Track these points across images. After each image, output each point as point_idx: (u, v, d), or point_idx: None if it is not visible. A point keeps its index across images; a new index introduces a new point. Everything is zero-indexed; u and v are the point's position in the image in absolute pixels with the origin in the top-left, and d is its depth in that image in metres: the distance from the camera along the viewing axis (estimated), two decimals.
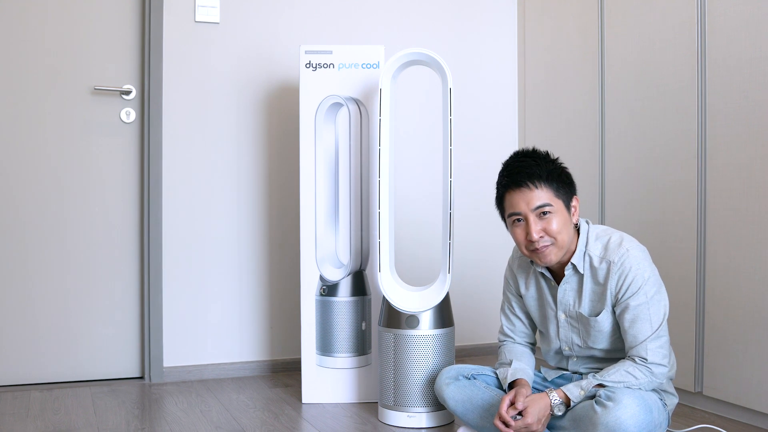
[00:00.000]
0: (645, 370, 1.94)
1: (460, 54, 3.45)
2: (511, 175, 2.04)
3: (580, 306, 2.06)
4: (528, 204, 1.99)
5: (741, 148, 2.40)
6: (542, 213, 1.99)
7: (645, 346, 1.95)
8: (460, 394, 2.15)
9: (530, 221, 1.99)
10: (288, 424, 2.44)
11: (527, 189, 1.99)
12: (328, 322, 2.69)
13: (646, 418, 1.83)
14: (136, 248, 3.04)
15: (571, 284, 2.07)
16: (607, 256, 2.00)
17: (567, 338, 2.12)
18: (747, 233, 2.37)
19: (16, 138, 2.89)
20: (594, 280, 2.03)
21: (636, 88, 2.81)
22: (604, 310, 2.02)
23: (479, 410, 2.12)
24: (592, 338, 2.07)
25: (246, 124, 3.13)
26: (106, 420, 2.47)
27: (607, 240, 2.02)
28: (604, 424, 1.82)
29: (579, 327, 2.08)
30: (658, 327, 1.96)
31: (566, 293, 2.08)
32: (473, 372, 2.20)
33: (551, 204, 1.99)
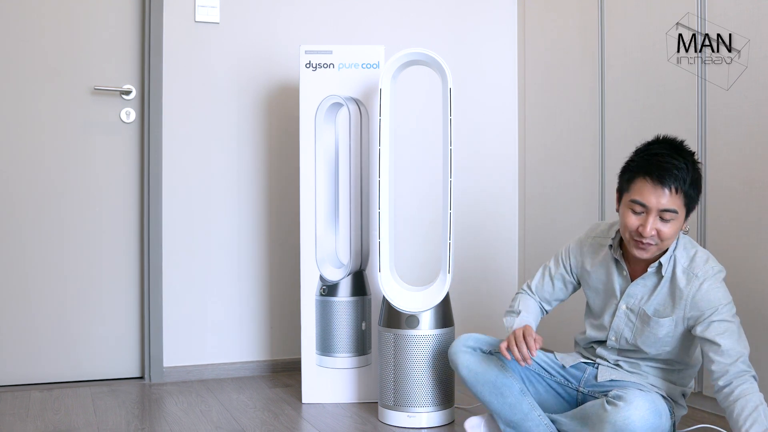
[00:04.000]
0: (755, 385, 1.89)
1: (460, 54, 3.45)
2: (657, 168, 1.92)
3: (647, 303, 2.03)
4: (658, 202, 1.91)
5: (741, 148, 2.40)
6: (662, 216, 1.94)
7: (744, 360, 1.92)
8: (475, 365, 2.16)
9: (650, 217, 1.93)
10: (288, 424, 2.44)
11: (666, 189, 1.91)
12: (328, 322, 2.69)
13: (654, 421, 1.84)
14: (136, 248, 3.04)
15: (647, 281, 2.04)
16: (692, 269, 1.98)
17: (618, 330, 2.09)
18: (747, 233, 2.37)
19: (16, 138, 2.89)
20: (671, 285, 2.00)
21: (636, 88, 2.81)
22: (670, 318, 2.00)
23: (489, 386, 2.12)
24: (644, 338, 2.04)
25: (246, 124, 3.13)
26: (106, 420, 2.47)
27: (694, 253, 2.00)
28: (612, 423, 1.82)
29: (636, 323, 2.05)
30: (746, 347, 1.96)
31: (638, 287, 2.05)
32: (492, 347, 2.19)
33: (677, 211, 1.93)
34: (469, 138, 3.46)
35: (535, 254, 3.39)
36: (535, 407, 2.12)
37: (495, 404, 2.12)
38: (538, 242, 3.38)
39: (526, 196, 3.47)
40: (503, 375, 2.13)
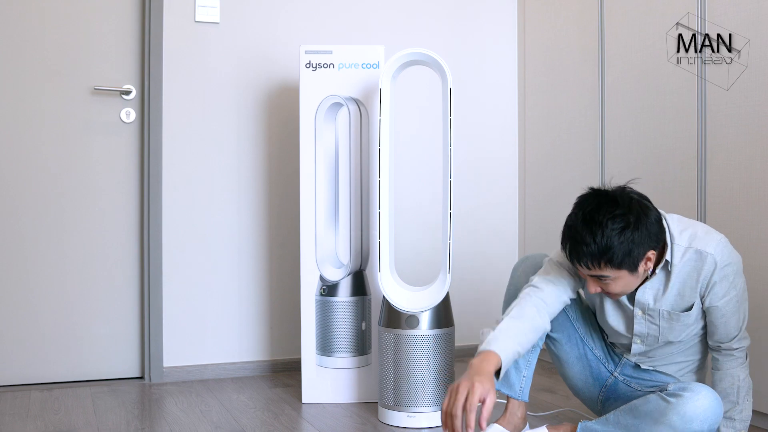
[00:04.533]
0: (743, 360, 1.96)
1: (460, 54, 3.45)
2: (568, 245, 1.84)
3: (662, 304, 1.94)
4: (582, 272, 1.86)
5: (741, 148, 2.40)
6: (602, 279, 1.85)
7: (738, 338, 1.95)
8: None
9: (588, 280, 1.87)
10: (288, 424, 2.44)
11: (582, 265, 1.82)
12: (328, 322, 2.69)
13: (719, 411, 1.81)
14: (136, 248, 3.04)
15: (651, 284, 1.93)
16: (696, 245, 1.87)
17: (642, 333, 2.00)
18: (747, 233, 2.37)
19: (16, 138, 2.89)
20: (682, 273, 1.90)
21: (636, 88, 2.81)
22: (695, 304, 1.91)
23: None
24: (675, 332, 1.96)
25: (246, 123, 3.13)
26: (106, 420, 2.47)
27: (694, 231, 1.89)
28: (680, 414, 1.78)
29: (660, 323, 1.96)
30: (744, 318, 1.95)
31: (645, 293, 1.94)
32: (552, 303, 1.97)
33: (609, 276, 1.82)
34: (469, 138, 3.46)
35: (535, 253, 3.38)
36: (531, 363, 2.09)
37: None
38: (538, 242, 3.38)
39: (526, 196, 3.47)
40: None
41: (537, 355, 2.09)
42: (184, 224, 3.05)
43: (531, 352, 2.07)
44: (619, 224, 1.77)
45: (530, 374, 2.10)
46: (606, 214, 1.78)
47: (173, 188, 3.03)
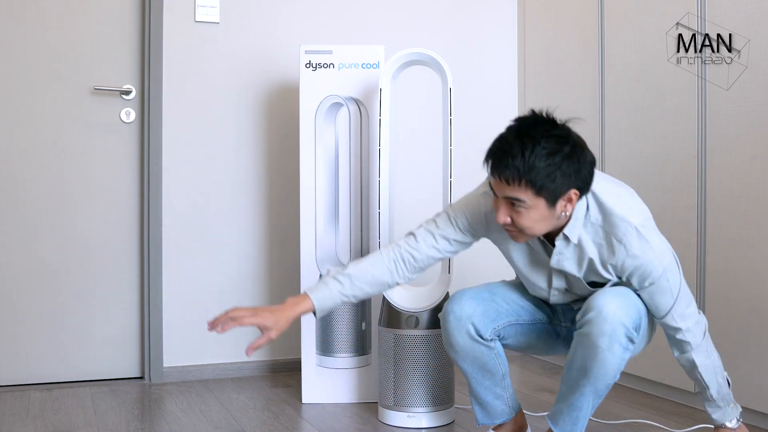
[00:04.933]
0: (693, 344, 1.87)
1: (460, 54, 3.45)
2: (493, 154, 1.73)
3: (580, 272, 1.85)
4: (501, 190, 1.73)
5: (741, 148, 2.40)
6: (512, 203, 1.72)
7: (672, 315, 1.83)
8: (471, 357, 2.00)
9: (500, 203, 1.75)
10: (288, 424, 2.44)
11: (502, 179, 1.70)
12: (328, 322, 2.69)
13: (631, 299, 1.79)
14: (136, 248, 3.04)
15: (565, 254, 1.83)
16: (611, 230, 1.76)
17: (559, 286, 1.93)
18: (747, 233, 2.37)
19: (16, 138, 2.89)
20: (596, 246, 1.80)
21: (636, 88, 2.81)
22: (612, 279, 1.84)
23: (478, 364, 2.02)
24: (592, 293, 1.88)
25: (246, 123, 3.13)
26: (106, 420, 2.47)
27: (610, 207, 1.77)
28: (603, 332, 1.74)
29: (578, 285, 1.90)
30: (678, 290, 1.81)
31: (561, 263, 1.85)
32: (495, 328, 1.98)
33: (525, 201, 1.70)
34: (469, 138, 3.46)
35: None
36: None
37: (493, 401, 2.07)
38: None
39: None
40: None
41: (508, 374, 2.06)
42: (184, 224, 3.05)
43: (503, 378, 2.04)
44: (553, 145, 1.67)
45: (511, 392, 2.09)
46: (543, 132, 1.69)
47: (173, 188, 3.03)
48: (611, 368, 1.77)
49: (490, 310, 1.99)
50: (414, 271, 1.98)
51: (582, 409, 1.86)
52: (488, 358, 2.00)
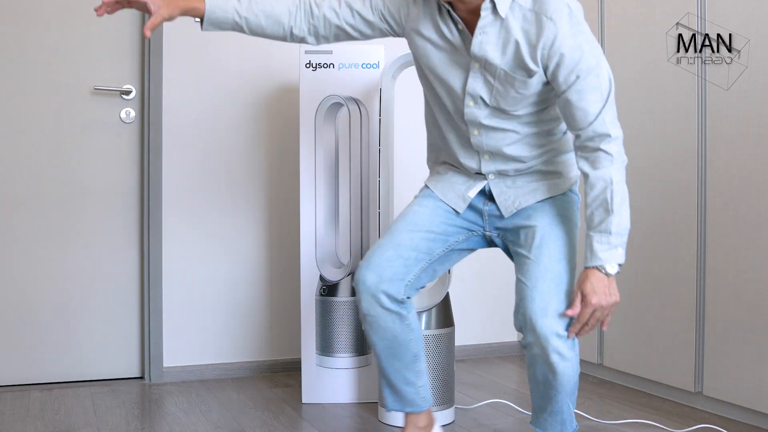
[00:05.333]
0: (615, 159, 1.69)
1: None
2: None
3: (502, 61, 1.71)
4: None
5: (741, 148, 2.40)
6: None
7: (602, 118, 1.68)
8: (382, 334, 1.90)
9: None
10: (288, 424, 2.44)
11: None
12: (328, 322, 2.69)
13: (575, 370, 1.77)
14: (136, 248, 3.04)
15: (489, 35, 1.70)
16: (538, 8, 1.66)
17: (474, 92, 1.77)
18: (747, 233, 2.37)
19: (16, 138, 2.89)
20: (522, 31, 1.68)
21: (636, 88, 2.81)
22: (537, 74, 1.71)
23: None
24: (509, 100, 1.75)
25: (246, 123, 3.13)
26: (106, 420, 2.47)
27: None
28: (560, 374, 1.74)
29: (495, 84, 1.75)
30: (608, 94, 1.69)
31: (483, 46, 1.71)
32: (407, 284, 1.88)
33: None
34: None
35: None
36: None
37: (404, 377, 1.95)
38: None
39: None
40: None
41: (424, 361, 1.98)
42: (184, 224, 3.05)
43: (414, 361, 1.95)
44: None
45: (425, 383, 2.00)
46: None
47: (173, 188, 3.03)
48: (572, 372, 1.77)
49: (398, 268, 1.87)
50: (309, 29, 1.86)
51: (563, 411, 1.86)
52: (399, 331, 1.89)
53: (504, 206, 1.88)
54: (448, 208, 1.94)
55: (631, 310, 2.82)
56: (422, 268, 1.91)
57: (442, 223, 1.92)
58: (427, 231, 1.91)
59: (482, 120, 1.81)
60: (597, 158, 1.71)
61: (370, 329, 1.91)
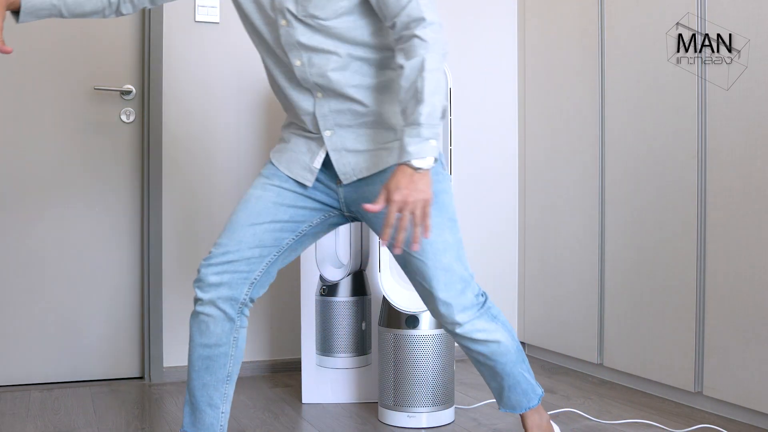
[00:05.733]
0: (431, 45, 1.57)
1: (460, 54, 3.45)
2: None
3: None
4: None
5: (741, 148, 2.40)
6: None
7: (417, 1, 1.58)
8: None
9: None
10: (288, 424, 2.44)
11: None
12: (328, 322, 2.69)
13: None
14: (136, 248, 3.04)
15: None
16: None
17: (279, 4, 1.68)
18: (747, 233, 2.37)
19: (16, 138, 2.89)
20: None
21: (636, 88, 2.81)
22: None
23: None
24: (314, 1, 1.64)
25: (246, 123, 3.13)
26: (106, 420, 2.47)
27: None
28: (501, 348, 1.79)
29: (307, 25, 1.66)
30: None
31: None
32: (248, 289, 1.78)
33: None
34: (468, 138, 3.46)
35: (535, 254, 3.39)
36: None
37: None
38: (538, 242, 3.38)
39: (526, 196, 3.47)
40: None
41: (234, 385, 1.86)
42: (184, 224, 3.05)
43: (226, 381, 1.83)
44: None
45: (227, 411, 1.84)
46: None
47: (173, 188, 3.03)
48: (505, 341, 1.79)
49: (240, 267, 1.76)
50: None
51: (520, 382, 1.86)
52: (224, 341, 1.78)
53: (343, 173, 1.73)
54: (295, 185, 1.78)
55: (631, 310, 2.82)
56: (269, 263, 1.79)
57: (289, 208, 1.78)
58: (272, 221, 1.77)
59: (299, 38, 1.68)
60: (412, 46, 1.58)
61: (197, 330, 1.78)
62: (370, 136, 1.73)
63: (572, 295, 3.14)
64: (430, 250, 1.71)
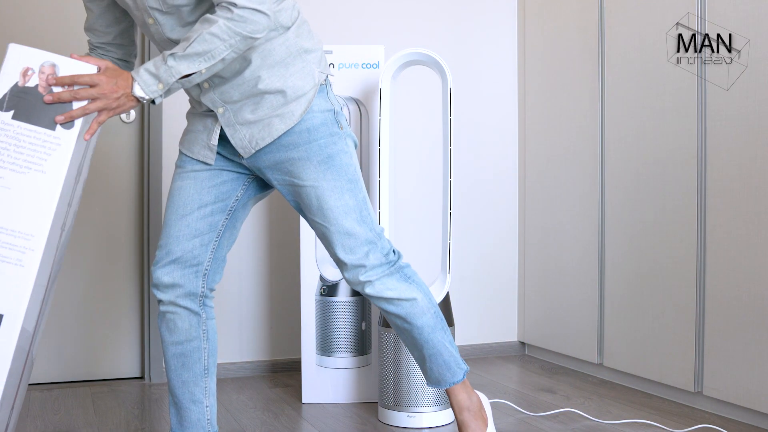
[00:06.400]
0: (235, 18, 1.53)
1: (460, 54, 3.45)
2: None
3: None
4: None
5: (741, 148, 2.40)
6: None
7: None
8: None
9: None
10: (288, 424, 2.44)
11: None
12: (328, 322, 2.69)
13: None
14: (137, 248, 3.04)
15: None
16: None
17: (143, 3, 1.66)
18: (747, 233, 2.37)
19: None
20: None
21: (636, 88, 2.81)
22: None
23: None
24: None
25: None
26: (106, 420, 2.47)
27: None
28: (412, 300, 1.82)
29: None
30: None
31: None
32: (204, 278, 1.81)
33: None
34: (469, 138, 3.46)
35: (535, 254, 3.39)
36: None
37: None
38: (538, 242, 3.38)
39: (526, 196, 3.47)
40: None
41: (214, 378, 1.86)
42: None
43: (204, 375, 1.83)
44: None
45: (212, 403, 1.86)
46: None
47: None
48: (422, 298, 1.80)
49: (188, 262, 1.78)
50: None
51: (442, 353, 1.85)
52: (194, 335, 1.80)
53: (241, 147, 1.73)
54: (205, 167, 1.79)
55: (631, 310, 2.82)
56: (213, 249, 1.81)
57: (211, 189, 1.79)
58: (200, 207, 1.78)
59: (168, 35, 1.70)
60: (216, 11, 1.56)
61: (166, 329, 1.81)
62: (259, 104, 1.71)
63: (572, 295, 3.14)
64: (331, 215, 1.73)
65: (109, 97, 1.55)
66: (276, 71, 1.70)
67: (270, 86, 1.70)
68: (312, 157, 1.72)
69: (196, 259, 1.79)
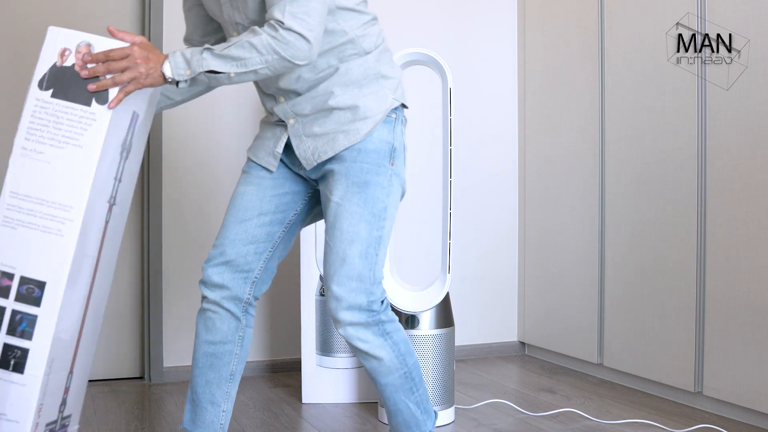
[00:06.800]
0: (270, 38, 1.56)
1: (460, 54, 3.45)
2: None
3: None
4: None
5: (741, 148, 2.40)
6: None
7: (283, 3, 1.56)
8: None
9: None
10: (288, 424, 2.44)
11: None
12: (328, 322, 2.69)
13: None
14: (137, 248, 3.04)
15: None
16: None
17: (230, 17, 1.72)
18: (747, 233, 2.37)
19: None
20: None
21: (636, 88, 2.81)
22: None
23: None
24: (248, 7, 1.68)
25: (246, 123, 3.13)
26: (106, 420, 2.47)
27: None
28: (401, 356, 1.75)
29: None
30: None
31: None
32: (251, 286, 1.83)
33: None
34: (469, 138, 3.46)
35: (535, 254, 3.39)
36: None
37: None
38: (538, 242, 3.38)
39: (526, 196, 3.47)
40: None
41: (237, 385, 1.86)
42: (184, 224, 3.05)
43: (229, 380, 1.83)
44: None
45: (229, 409, 1.85)
46: None
47: (173, 188, 3.03)
48: (391, 360, 1.71)
49: (240, 267, 1.81)
50: None
51: (402, 412, 1.77)
52: (230, 338, 1.81)
53: (304, 158, 1.74)
54: (269, 175, 1.81)
55: (631, 310, 2.82)
56: (266, 259, 1.82)
57: (273, 197, 1.81)
58: (260, 214, 1.80)
59: (283, 105, 1.76)
60: (265, 26, 1.58)
61: (204, 327, 1.81)
62: (327, 118, 1.72)
63: (572, 295, 3.14)
64: (338, 236, 1.69)
65: (138, 67, 1.57)
66: (350, 90, 1.72)
67: (341, 102, 1.71)
68: (350, 176, 1.71)
69: (248, 266, 1.81)
